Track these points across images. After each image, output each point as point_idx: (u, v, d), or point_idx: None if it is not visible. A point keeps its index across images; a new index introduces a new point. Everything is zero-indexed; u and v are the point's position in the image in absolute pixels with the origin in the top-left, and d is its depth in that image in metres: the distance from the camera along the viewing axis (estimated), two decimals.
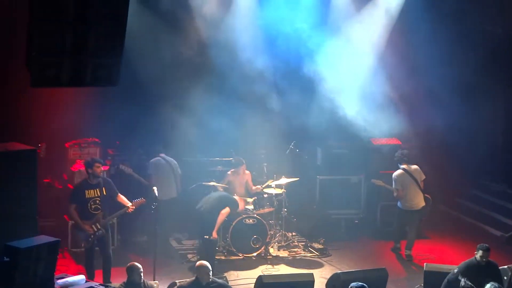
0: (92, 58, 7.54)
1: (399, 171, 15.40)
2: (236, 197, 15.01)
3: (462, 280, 11.35)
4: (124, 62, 7.84)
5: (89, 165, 13.27)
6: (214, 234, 14.41)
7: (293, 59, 16.74)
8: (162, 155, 15.53)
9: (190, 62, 16.59)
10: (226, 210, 14.59)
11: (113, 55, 7.68)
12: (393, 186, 15.33)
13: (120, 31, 7.57)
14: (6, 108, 15.17)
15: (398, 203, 15.45)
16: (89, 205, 13.09)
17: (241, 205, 15.04)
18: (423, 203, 15.32)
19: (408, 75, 16.99)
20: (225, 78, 16.65)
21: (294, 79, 16.90)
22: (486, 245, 11.98)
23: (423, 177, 15.43)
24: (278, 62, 16.75)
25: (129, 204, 13.35)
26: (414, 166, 15.49)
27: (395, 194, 15.34)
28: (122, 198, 13.45)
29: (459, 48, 16.84)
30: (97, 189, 13.18)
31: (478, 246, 11.97)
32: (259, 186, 15.88)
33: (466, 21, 17.13)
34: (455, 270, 11.91)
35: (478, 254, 11.82)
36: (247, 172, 16.01)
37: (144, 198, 13.68)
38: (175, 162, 15.60)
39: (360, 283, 9.90)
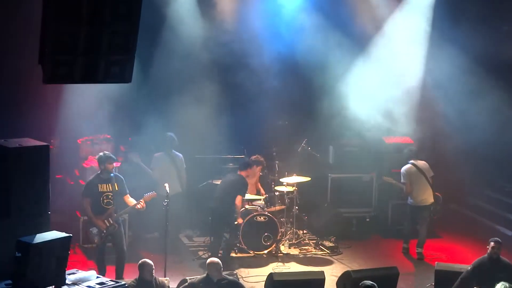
0: (105, 55, 7.57)
1: (407, 165, 15.46)
2: (242, 174, 14.99)
3: None
4: (137, 59, 7.86)
5: (101, 160, 13.31)
6: (239, 220, 14.60)
7: (307, 57, 16.73)
8: (167, 149, 15.54)
9: (202, 59, 16.59)
10: (239, 199, 14.63)
11: (126, 52, 7.71)
12: (402, 180, 15.38)
13: (133, 28, 7.59)
14: (20, 104, 15.22)
15: (408, 199, 15.50)
16: (102, 199, 13.16)
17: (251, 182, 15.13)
18: (432, 199, 15.30)
19: (425, 74, 16.96)
20: (238, 76, 16.65)
21: (308, 77, 16.89)
22: (498, 238, 12.09)
23: (432, 173, 15.44)
24: (291, 60, 16.74)
25: (134, 202, 13.37)
26: (422, 162, 15.50)
27: (404, 189, 15.38)
28: (130, 200, 13.48)
29: (478, 50, 16.75)
30: (109, 184, 13.24)
31: (490, 239, 12.07)
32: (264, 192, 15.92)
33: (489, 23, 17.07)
34: (469, 268, 11.95)
35: (490, 246, 11.93)
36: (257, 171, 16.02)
37: (155, 192, 13.72)
38: (181, 157, 15.58)
39: (370, 282, 9.90)
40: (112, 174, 13.33)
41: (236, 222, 14.70)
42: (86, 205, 13.23)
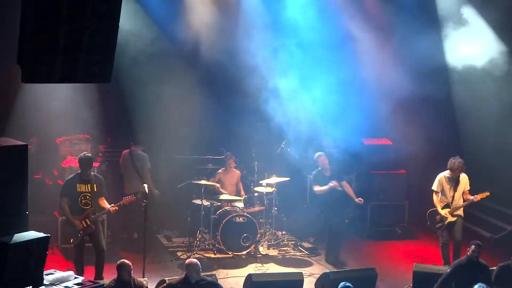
0: (85, 55, 7.54)
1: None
2: None
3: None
4: (116, 59, 7.84)
5: (82, 163, 13.20)
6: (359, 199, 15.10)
7: (285, 58, 16.73)
8: (134, 148, 15.47)
9: (182, 60, 16.58)
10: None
11: (106, 52, 7.68)
12: (468, 188, 14.57)
13: (113, 28, 7.57)
14: None
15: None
16: (79, 199, 13.08)
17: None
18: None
19: (408, 79, 17.03)
20: (218, 77, 16.65)
21: (286, 77, 16.89)
22: (478, 241, 12.14)
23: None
24: (270, 60, 16.74)
25: (108, 206, 13.30)
26: None
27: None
28: (104, 202, 13.39)
29: None
30: (88, 185, 13.14)
31: (470, 242, 12.13)
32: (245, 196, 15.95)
33: None
34: (448, 270, 12.02)
35: (470, 249, 12.01)
36: (237, 171, 16.06)
37: (134, 196, 13.71)
38: (143, 156, 15.41)
39: (347, 283, 9.93)
40: (91, 174, 13.27)
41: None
42: (64, 204, 13.12)
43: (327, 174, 15.07)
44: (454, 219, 14.34)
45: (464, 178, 14.44)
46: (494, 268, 12.52)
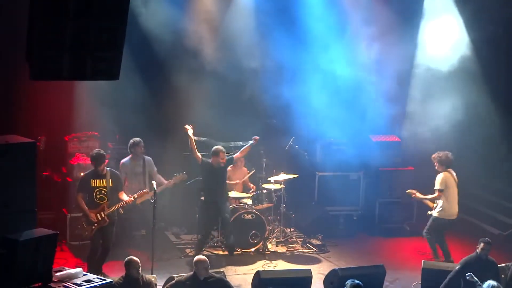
0: (93, 52, 7.54)
1: (444, 172, 14.63)
2: None
3: (469, 274, 11.43)
4: (124, 55, 7.84)
5: (95, 159, 13.31)
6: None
7: (290, 53, 16.72)
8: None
9: (189, 57, 16.58)
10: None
11: (114, 49, 7.68)
12: (436, 187, 14.53)
13: (121, 25, 7.57)
14: (7, 100, 15.17)
15: (435, 211, 14.65)
16: (94, 194, 13.26)
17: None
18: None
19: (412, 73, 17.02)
20: (224, 74, 16.65)
21: (294, 73, 16.90)
22: (488, 239, 12.11)
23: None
24: (275, 56, 16.73)
25: (125, 198, 13.39)
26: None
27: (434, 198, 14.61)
28: (123, 196, 13.51)
29: None
30: (103, 180, 13.31)
31: (480, 239, 12.11)
32: (253, 186, 15.93)
33: None
34: (457, 267, 12.00)
35: (480, 246, 12.02)
36: (245, 169, 16.05)
37: (146, 190, 13.79)
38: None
39: (356, 280, 9.93)
40: (106, 169, 13.36)
41: None
42: (79, 199, 13.33)
43: (222, 165, 14.81)
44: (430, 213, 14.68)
45: (438, 175, 14.66)
46: (503, 265, 12.51)
